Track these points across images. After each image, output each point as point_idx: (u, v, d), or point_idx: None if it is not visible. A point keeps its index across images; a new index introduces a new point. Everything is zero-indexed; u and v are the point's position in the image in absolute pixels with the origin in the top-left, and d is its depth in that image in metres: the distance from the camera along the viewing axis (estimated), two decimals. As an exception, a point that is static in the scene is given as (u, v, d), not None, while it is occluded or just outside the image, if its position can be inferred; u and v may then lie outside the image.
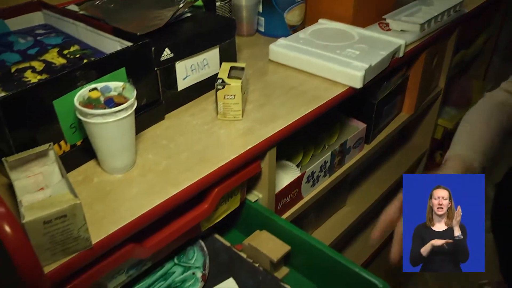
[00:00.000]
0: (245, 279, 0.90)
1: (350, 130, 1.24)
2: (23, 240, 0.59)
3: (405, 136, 1.72)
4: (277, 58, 1.12)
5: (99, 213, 0.72)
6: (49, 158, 0.74)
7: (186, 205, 0.82)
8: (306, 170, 1.07)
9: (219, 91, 0.89)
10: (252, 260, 0.93)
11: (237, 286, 0.88)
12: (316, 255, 0.90)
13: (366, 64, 1.02)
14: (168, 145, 0.86)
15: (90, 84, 0.77)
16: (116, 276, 0.80)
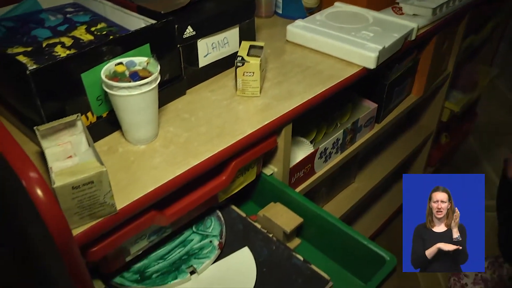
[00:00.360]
0: (259, 248, 0.90)
1: (361, 110, 1.23)
2: (53, 203, 0.60)
3: (413, 117, 1.70)
4: (294, 39, 1.10)
5: (123, 181, 0.72)
6: (77, 128, 0.74)
7: (205, 177, 0.82)
8: (319, 147, 1.06)
9: (238, 68, 0.88)
10: (266, 231, 0.93)
11: (252, 255, 0.88)
12: (327, 228, 0.90)
13: (380, 46, 1.01)
14: (189, 119, 0.86)
15: (116, 59, 0.77)
16: (138, 241, 0.80)
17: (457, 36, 1.48)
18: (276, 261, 0.88)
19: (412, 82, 1.40)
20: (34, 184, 0.59)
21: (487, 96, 2.39)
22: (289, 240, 0.95)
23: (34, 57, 0.82)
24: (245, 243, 0.91)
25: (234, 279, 0.84)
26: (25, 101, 0.73)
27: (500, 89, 2.62)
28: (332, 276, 0.85)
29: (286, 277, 0.85)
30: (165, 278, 0.82)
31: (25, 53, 0.84)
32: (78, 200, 0.63)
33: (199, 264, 0.85)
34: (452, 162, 2.11)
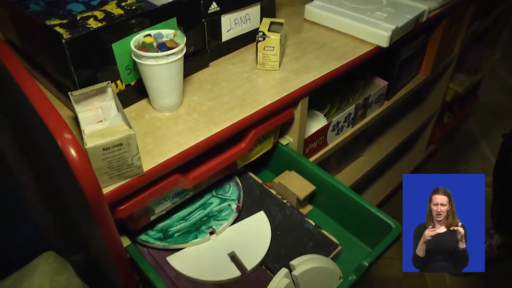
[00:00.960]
0: (274, 213, 0.89)
1: (372, 87, 1.20)
2: (85, 163, 0.59)
3: (420, 96, 1.66)
4: (311, 18, 1.07)
5: (150, 145, 0.71)
6: (108, 94, 0.73)
7: (225, 144, 0.80)
8: (332, 120, 1.03)
9: (259, 42, 0.85)
10: (281, 197, 0.92)
11: (267, 218, 0.87)
12: (338, 196, 0.88)
13: (393, 26, 0.97)
14: (212, 89, 0.83)
15: (145, 31, 0.75)
16: (162, 202, 0.79)
17: (465, 21, 1.43)
18: (289, 225, 0.86)
19: (421, 63, 1.36)
20: (69, 145, 0.58)
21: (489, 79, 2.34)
22: (302, 206, 0.93)
23: (69, 29, 0.80)
24: (261, 208, 0.89)
25: (250, 240, 0.83)
26: (60, 68, 0.72)
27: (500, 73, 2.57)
28: (341, 240, 0.84)
29: (299, 240, 0.84)
30: (186, 237, 0.82)
31: (61, 25, 0.82)
32: (108, 161, 0.61)
33: (218, 226, 0.84)
34: (453, 140, 2.07)
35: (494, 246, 1.46)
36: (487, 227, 1.51)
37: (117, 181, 0.65)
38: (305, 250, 0.81)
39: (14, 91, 0.72)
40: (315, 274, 0.72)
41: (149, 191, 0.70)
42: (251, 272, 0.79)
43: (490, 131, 2.15)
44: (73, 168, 0.58)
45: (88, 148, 0.59)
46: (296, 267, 0.71)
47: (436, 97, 1.64)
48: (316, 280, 0.73)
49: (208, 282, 0.77)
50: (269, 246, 0.82)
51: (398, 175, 1.68)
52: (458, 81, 1.76)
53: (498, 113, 2.28)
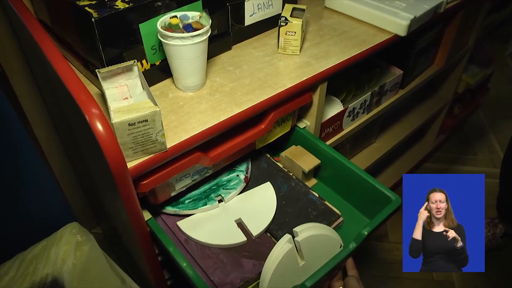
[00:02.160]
0: (280, 184, 0.89)
1: (388, 75, 1.17)
2: (112, 137, 0.58)
3: (432, 86, 1.62)
4: (332, 5, 1.04)
5: (173, 122, 0.70)
6: (133, 72, 0.72)
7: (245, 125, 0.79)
8: (348, 106, 1.01)
9: (281, 27, 0.83)
10: (287, 170, 0.91)
11: (273, 189, 0.87)
12: (341, 170, 0.88)
13: (411, 15, 0.94)
14: (234, 71, 0.82)
15: (171, 12, 0.73)
16: (183, 179, 0.78)
17: (481, 13, 1.38)
18: (294, 196, 0.86)
19: (436, 53, 1.32)
20: (96, 119, 0.58)
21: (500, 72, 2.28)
22: (307, 179, 0.93)
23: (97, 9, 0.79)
24: (268, 179, 0.89)
25: (256, 208, 0.83)
26: (89, 47, 0.71)
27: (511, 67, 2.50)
28: (343, 212, 0.84)
29: (302, 209, 0.84)
30: (196, 204, 0.82)
31: (90, 6, 0.80)
32: (133, 136, 0.60)
33: (226, 194, 0.84)
34: (462, 131, 2.03)
35: (497, 235, 1.44)
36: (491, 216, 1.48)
37: (141, 156, 0.64)
38: (308, 219, 0.81)
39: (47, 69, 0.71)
40: (316, 241, 0.72)
41: (171, 168, 0.69)
42: (256, 238, 0.79)
43: (499, 124, 2.11)
44: (100, 142, 0.58)
45: (114, 123, 0.58)
46: (298, 234, 0.70)
47: (448, 88, 1.60)
48: (318, 247, 0.73)
49: (216, 246, 0.77)
50: (274, 214, 0.82)
51: (408, 162, 1.65)
52: (470, 73, 1.71)
53: (508, 106, 2.23)
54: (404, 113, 1.52)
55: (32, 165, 1.09)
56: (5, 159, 1.02)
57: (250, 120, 0.76)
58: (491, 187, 1.48)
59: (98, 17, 0.66)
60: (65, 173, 1.26)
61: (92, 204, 1.34)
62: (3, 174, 1.04)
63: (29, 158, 1.07)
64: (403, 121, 1.48)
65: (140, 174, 0.65)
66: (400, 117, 1.50)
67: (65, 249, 0.94)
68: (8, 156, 1.03)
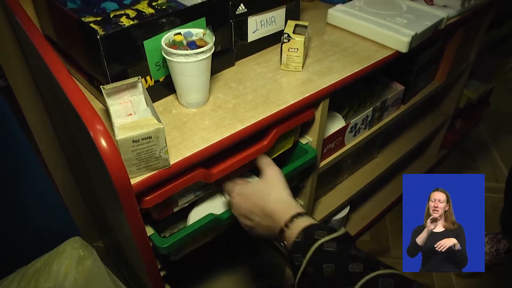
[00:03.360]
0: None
1: (389, 91, 1.17)
2: (116, 153, 0.58)
3: (434, 101, 1.62)
4: (334, 22, 1.05)
5: (176, 139, 0.70)
6: (138, 89, 0.72)
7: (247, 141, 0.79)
8: (350, 122, 1.01)
9: (284, 44, 0.84)
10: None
11: None
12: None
13: (412, 32, 0.95)
14: (237, 87, 0.82)
15: (175, 29, 0.74)
16: (186, 195, 0.79)
17: (481, 29, 1.40)
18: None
19: (437, 69, 1.33)
20: (100, 135, 0.58)
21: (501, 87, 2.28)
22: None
23: (102, 26, 0.80)
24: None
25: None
26: (94, 63, 0.72)
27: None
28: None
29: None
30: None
31: (95, 22, 0.82)
32: (137, 153, 0.61)
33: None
34: (463, 146, 2.03)
35: (501, 250, 1.43)
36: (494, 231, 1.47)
37: (145, 172, 0.64)
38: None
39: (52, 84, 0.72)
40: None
41: (174, 184, 0.69)
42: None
43: (501, 138, 2.11)
44: (104, 158, 0.58)
45: (118, 140, 0.58)
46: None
47: (450, 103, 1.60)
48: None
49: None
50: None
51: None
52: (471, 88, 1.72)
53: (510, 120, 2.23)
54: (405, 128, 1.52)
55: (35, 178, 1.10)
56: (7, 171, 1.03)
57: (252, 136, 0.77)
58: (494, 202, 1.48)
59: (103, 34, 0.66)
60: (67, 186, 1.26)
61: (94, 217, 1.34)
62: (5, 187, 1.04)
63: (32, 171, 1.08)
64: (405, 136, 1.49)
65: (143, 190, 0.65)
66: (402, 132, 1.51)
67: (67, 263, 0.94)
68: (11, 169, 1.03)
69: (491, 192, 1.73)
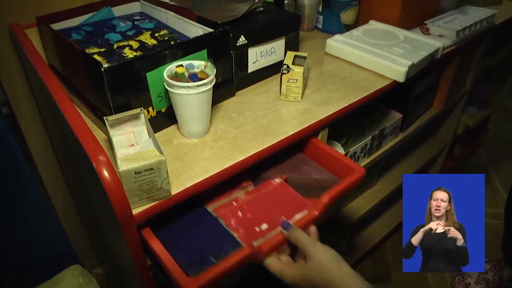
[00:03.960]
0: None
1: (388, 119, 1.19)
2: (118, 184, 0.59)
3: (432, 128, 1.64)
4: (332, 51, 1.07)
5: (178, 169, 0.71)
6: (140, 120, 0.73)
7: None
8: (350, 150, 1.02)
9: (283, 75, 0.86)
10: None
11: None
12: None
13: (409, 62, 0.97)
14: (237, 118, 0.83)
15: (177, 61, 0.76)
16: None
17: (476, 57, 1.42)
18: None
19: (434, 96, 1.35)
20: (103, 167, 0.59)
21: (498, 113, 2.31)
22: None
23: (106, 57, 0.83)
24: None
25: None
26: (97, 94, 0.73)
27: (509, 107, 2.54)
28: None
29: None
30: None
31: (99, 53, 0.84)
32: (138, 184, 0.61)
33: None
34: (462, 172, 2.04)
35: (504, 278, 1.41)
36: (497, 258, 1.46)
37: (146, 203, 0.65)
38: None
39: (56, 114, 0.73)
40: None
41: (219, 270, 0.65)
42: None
43: (500, 164, 2.12)
44: (106, 188, 0.59)
45: (121, 171, 0.59)
46: None
47: (448, 130, 1.62)
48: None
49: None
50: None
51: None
52: (469, 114, 1.74)
53: (508, 146, 2.24)
54: (404, 154, 1.53)
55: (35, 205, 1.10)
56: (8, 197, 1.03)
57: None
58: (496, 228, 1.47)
59: (107, 67, 0.68)
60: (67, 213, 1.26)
61: (94, 244, 1.34)
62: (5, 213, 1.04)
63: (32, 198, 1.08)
64: (404, 163, 1.50)
65: (145, 220, 0.66)
66: (401, 159, 1.52)
67: (66, 292, 0.93)
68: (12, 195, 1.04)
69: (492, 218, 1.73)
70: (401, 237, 1.52)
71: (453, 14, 1.26)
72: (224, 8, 0.93)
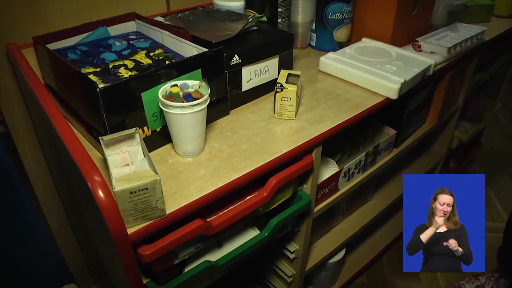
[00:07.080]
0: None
1: (382, 135, 1.20)
2: (113, 204, 0.59)
3: (426, 143, 1.65)
4: (325, 69, 1.08)
5: (172, 188, 0.71)
6: (135, 139, 0.74)
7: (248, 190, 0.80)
8: (344, 167, 1.03)
9: (277, 93, 0.87)
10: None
11: None
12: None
13: (401, 79, 0.98)
14: (232, 136, 0.84)
15: (172, 81, 0.77)
16: (186, 247, 0.78)
17: (468, 73, 1.44)
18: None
19: (427, 112, 1.36)
20: (98, 187, 0.59)
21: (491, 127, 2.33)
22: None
23: (102, 77, 0.83)
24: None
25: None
26: (93, 114, 0.74)
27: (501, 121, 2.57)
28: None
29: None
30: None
31: (95, 73, 0.85)
32: (133, 204, 0.62)
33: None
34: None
35: None
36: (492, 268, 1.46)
37: (141, 222, 0.65)
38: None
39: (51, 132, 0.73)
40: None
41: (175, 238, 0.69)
42: None
43: (495, 177, 2.13)
44: (101, 208, 0.59)
45: (116, 191, 0.59)
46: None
47: (442, 145, 1.63)
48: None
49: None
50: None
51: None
52: (462, 129, 1.76)
53: (502, 159, 2.26)
54: (399, 169, 1.54)
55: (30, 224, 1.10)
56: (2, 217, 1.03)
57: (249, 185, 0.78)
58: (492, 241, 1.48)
59: (103, 87, 0.68)
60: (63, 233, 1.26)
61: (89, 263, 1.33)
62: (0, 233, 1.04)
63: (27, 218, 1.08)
64: (399, 178, 1.50)
65: (140, 239, 0.66)
66: (396, 174, 1.52)
67: (61, 312, 0.92)
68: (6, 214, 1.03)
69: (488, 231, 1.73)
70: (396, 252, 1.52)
71: (444, 31, 1.28)
72: (218, 28, 0.94)
